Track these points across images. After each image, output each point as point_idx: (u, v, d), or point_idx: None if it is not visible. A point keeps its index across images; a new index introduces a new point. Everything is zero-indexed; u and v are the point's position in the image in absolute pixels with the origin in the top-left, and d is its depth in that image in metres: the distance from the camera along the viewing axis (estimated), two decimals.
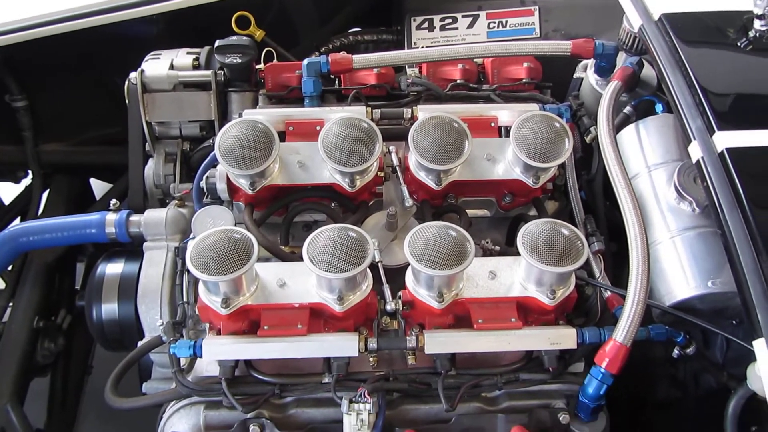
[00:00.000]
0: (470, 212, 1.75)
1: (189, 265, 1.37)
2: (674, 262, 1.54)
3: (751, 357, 1.34)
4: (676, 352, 1.56)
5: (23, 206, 2.61)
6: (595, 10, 2.35)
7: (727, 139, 1.44)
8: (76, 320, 2.38)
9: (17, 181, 2.71)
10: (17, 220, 2.65)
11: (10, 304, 2.25)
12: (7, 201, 2.71)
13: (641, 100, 1.86)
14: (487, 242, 1.68)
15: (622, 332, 1.39)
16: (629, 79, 1.81)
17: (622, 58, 1.91)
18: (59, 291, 2.39)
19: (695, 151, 1.46)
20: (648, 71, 1.88)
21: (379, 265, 1.50)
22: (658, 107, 1.81)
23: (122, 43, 2.24)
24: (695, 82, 1.55)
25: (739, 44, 1.68)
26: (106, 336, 1.85)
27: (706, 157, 1.43)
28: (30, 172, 2.57)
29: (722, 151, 1.42)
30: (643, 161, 1.71)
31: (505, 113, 1.82)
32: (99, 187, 2.85)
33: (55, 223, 1.94)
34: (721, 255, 1.46)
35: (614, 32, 1.91)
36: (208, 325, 1.55)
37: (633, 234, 1.45)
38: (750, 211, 1.33)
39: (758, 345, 1.24)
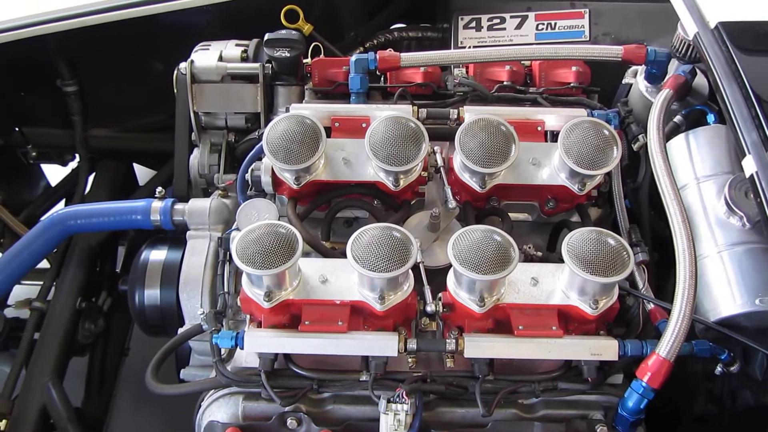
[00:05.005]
0: (511, 216, 1.73)
1: (234, 257, 1.38)
2: (721, 277, 1.51)
3: None
4: (719, 369, 1.53)
5: (69, 189, 2.68)
6: (647, 14, 2.30)
7: None
8: (116, 303, 2.44)
9: (64, 164, 2.78)
10: (62, 202, 2.72)
11: (54, 284, 2.31)
12: (54, 183, 2.79)
13: (692, 109, 1.82)
14: (529, 247, 1.67)
15: (666, 347, 1.37)
16: (681, 87, 1.78)
17: (672, 66, 1.88)
18: (101, 274, 2.45)
19: (749, 165, 1.43)
20: (699, 80, 1.84)
21: (421, 266, 1.49)
22: (710, 117, 1.77)
23: (172, 32, 2.27)
24: (752, 94, 1.51)
25: None
26: (148, 321, 1.90)
27: (760, 172, 1.40)
28: (77, 155, 2.63)
29: None
30: (692, 172, 1.67)
31: (552, 117, 1.80)
32: (142, 172, 2.90)
33: (102, 208, 1.99)
34: None
35: (665, 38, 1.88)
36: (248, 316, 1.56)
37: (681, 247, 1.43)
38: None
39: None
